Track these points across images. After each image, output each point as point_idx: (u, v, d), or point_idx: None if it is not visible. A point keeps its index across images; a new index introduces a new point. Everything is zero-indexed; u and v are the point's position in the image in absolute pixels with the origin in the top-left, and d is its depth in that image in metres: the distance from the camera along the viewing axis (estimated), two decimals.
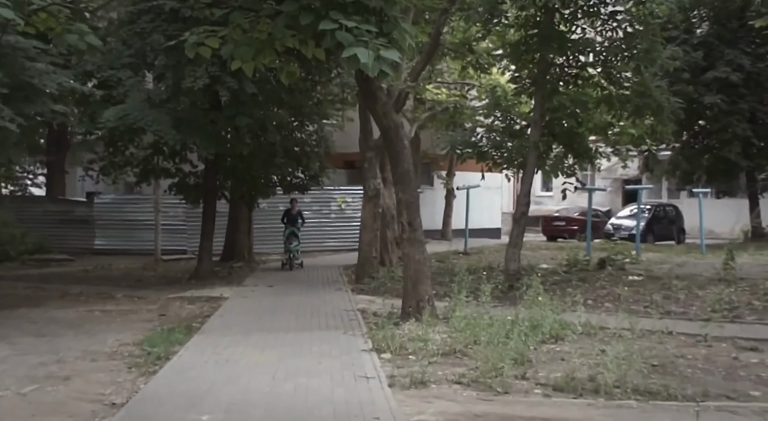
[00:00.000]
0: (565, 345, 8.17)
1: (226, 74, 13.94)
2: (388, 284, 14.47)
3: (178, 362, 7.48)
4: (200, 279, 15.98)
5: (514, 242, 13.40)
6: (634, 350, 6.92)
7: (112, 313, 11.50)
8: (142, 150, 17.21)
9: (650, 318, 9.48)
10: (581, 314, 9.29)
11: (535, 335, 8.00)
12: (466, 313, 8.92)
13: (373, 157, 15.83)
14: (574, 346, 7.76)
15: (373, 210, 15.68)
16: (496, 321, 8.44)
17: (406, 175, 9.74)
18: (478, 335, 8.05)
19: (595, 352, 7.47)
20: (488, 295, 9.07)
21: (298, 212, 18.33)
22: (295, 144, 17.81)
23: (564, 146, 14.03)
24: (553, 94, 13.02)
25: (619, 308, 10.63)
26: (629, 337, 7.56)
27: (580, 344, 8.04)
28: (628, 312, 10.19)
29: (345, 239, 23.07)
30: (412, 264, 9.71)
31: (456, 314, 8.64)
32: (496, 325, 8.28)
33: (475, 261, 18.62)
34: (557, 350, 8.03)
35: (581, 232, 29.04)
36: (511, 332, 7.85)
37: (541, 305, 9.02)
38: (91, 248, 23.00)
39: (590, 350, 7.61)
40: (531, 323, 8.32)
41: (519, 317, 8.61)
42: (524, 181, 13.32)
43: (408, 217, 9.67)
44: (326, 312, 11.03)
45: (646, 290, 12.33)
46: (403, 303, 10.00)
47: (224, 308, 11.57)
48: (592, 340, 8.37)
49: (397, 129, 9.78)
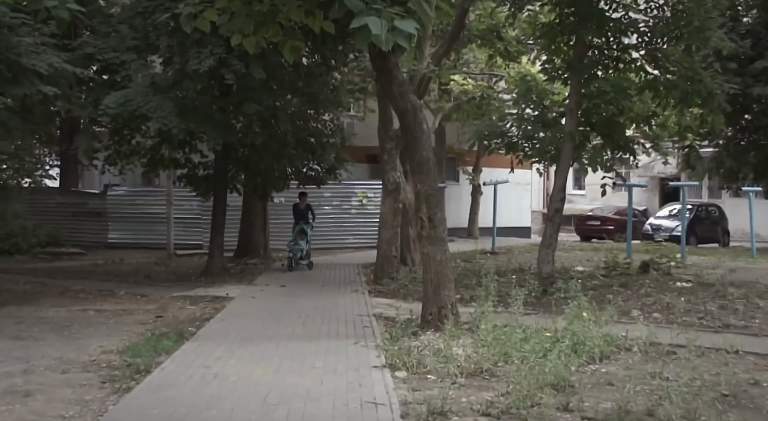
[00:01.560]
0: (611, 365, 6.99)
1: (233, 57, 12.98)
2: (408, 285, 13.36)
3: (159, 376, 6.45)
4: (210, 276, 15.04)
5: (547, 242, 12.20)
6: (700, 376, 5.73)
7: (106, 313, 10.54)
8: (149, 139, 16.33)
9: (708, 332, 8.28)
10: (627, 327, 8.11)
11: (578, 354, 6.81)
12: (494, 323, 7.79)
13: (393, 148, 14.71)
14: (622, 367, 6.60)
15: (393, 205, 14.57)
16: (530, 335, 7.28)
17: (424, 164, 8.60)
18: (510, 350, 6.91)
19: (650, 375, 6.28)
20: (520, 303, 7.92)
21: (308, 206, 17.07)
22: (309, 134, 16.71)
23: (602, 137, 12.75)
24: (591, 79, 11.77)
25: (669, 320, 9.46)
26: (688, 357, 6.39)
27: (630, 364, 6.86)
28: (681, 325, 9.04)
29: (366, 236, 22.00)
30: (432, 265, 8.58)
31: (483, 326, 7.46)
32: (531, 340, 7.13)
33: (504, 262, 17.42)
34: (603, 371, 6.84)
35: (617, 232, 27.80)
36: (549, 349, 6.68)
37: (582, 317, 7.82)
38: (104, 241, 22.26)
39: (643, 372, 6.42)
40: (573, 339, 7.12)
41: (557, 330, 7.44)
42: (558, 175, 12.10)
43: (427, 211, 8.54)
44: (338, 317, 9.96)
45: (698, 298, 11.07)
46: (422, 309, 8.88)
47: (227, 310, 10.56)
48: (643, 359, 7.19)
49: (416, 112, 8.64)
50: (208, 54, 12.78)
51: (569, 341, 6.95)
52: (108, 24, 15.08)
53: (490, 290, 8.84)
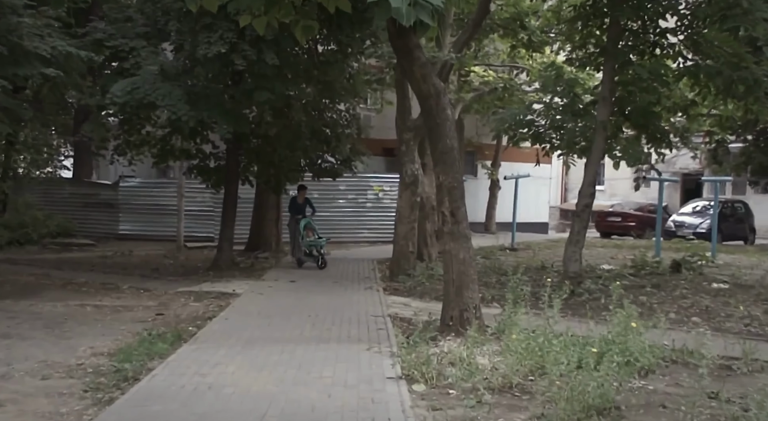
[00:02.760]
0: (658, 381, 6.21)
1: (245, 42, 12.30)
2: (425, 283, 12.65)
3: (147, 386, 5.76)
4: (218, 270, 14.41)
5: (575, 239, 11.40)
6: None
7: (105, 309, 9.91)
8: (160, 129, 15.72)
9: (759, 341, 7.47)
10: (668, 333, 7.32)
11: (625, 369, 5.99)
12: (523, 328, 7.04)
13: (411, 139, 13.95)
14: (671, 383, 5.83)
15: (411, 199, 13.81)
16: (566, 343, 6.51)
17: (448, 154, 7.85)
18: (543, 362, 6.15)
19: (705, 393, 5.49)
20: (554, 305, 7.16)
21: (307, 200, 15.78)
22: (324, 125, 15.97)
23: (636, 128, 11.89)
24: (626, 65, 10.91)
25: (712, 325, 8.66)
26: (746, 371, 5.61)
27: (680, 379, 6.07)
28: (725, 332, 8.24)
29: (381, 231, 21.29)
30: (454, 264, 7.82)
31: (514, 336, 6.67)
32: (568, 349, 6.36)
33: (525, 259, 16.65)
34: (650, 389, 6.04)
35: (638, 229, 26.89)
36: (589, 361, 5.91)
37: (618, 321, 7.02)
38: (115, 232, 21.77)
39: (696, 389, 5.62)
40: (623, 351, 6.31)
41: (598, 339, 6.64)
42: (588, 168, 11.27)
43: (450, 205, 7.78)
44: (350, 317, 9.24)
45: (738, 301, 10.23)
46: (443, 312, 8.13)
47: (232, 308, 9.88)
48: (692, 372, 6.40)
49: (439, 96, 7.88)
50: (218, 39, 12.13)
51: (619, 354, 6.11)
52: (119, 10, 14.46)
53: (518, 292, 8.06)
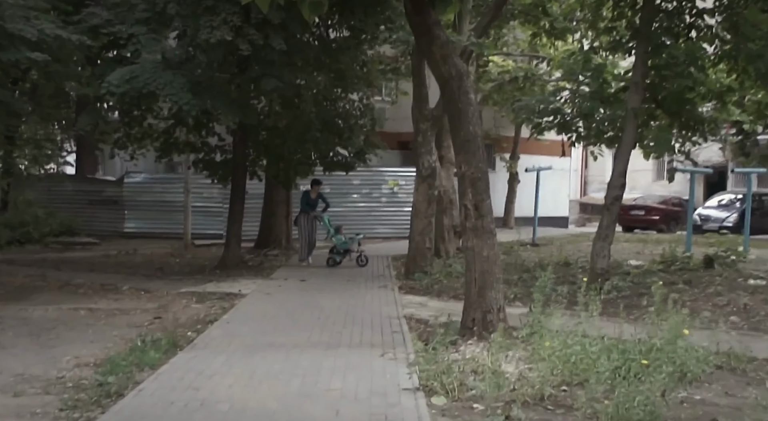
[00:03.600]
0: (705, 390, 5.46)
1: (250, 26, 11.62)
2: (443, 281, 11.92)
3: (131, 403, 5.07)
4: (226, 269, 13.76)
5: (603, 233, 10.61)
6: None
7: (99, 313, 9.25)
8: (162, 120, 15.08)
9: None
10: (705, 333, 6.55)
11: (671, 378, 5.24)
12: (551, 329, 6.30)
13: (428, 130, 13.20)
14: (720, 392, 5.08)
15: (428, 192, 13.07)
16: (603, 348, 5.77)
17: (471, 142, 7.10)
18: (580, 369, 5.42)
19: (762, 408, 4.71)
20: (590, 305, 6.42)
21: (320, 195, 15.06)
22: (336, 115, 15.23)
23: (670, 116, 11.06)
24: (659, 48, 10.08)
25: (753, 325, 7.89)
26: None
27: (727, 386, 5.32)
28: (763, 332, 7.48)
29: (396, 226, 20.56)
30: (477, 262, 7.07)
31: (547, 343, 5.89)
32: (604, 354, 5.63)
33: (547, 254, 15.86)
34: (698, 399, 5.30)
35: (662, 222, 26.01)
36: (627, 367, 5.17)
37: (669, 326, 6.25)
38: (120, 230, 21.18)
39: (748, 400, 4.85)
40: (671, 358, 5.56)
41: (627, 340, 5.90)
42: (619, 158, 10.47)
43: (473, 198, 7.04)
44: (363, 319, 8.54)
45: None
46: (463, 313, 7.38)
47: (236, 310, 9.20)
48: (742, 380, 5.63)
49: (461, 78, 7.13)
50: (221, 23, 11.42)
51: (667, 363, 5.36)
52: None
53: (546, 291, 7.31)
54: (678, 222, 26.60)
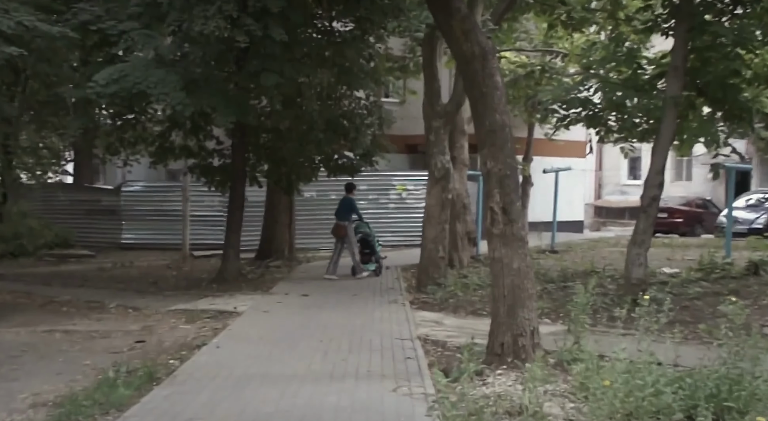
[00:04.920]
0: None
1: (247, 16, 10.63)
2: (459, 294, 10.84)
3: None
4: (223, 283, 12.74)
5: (639, 238, 9.51)
6: None
7: (76, 336, 8.24)
8: (157, 124, 14.12)
9: None
10: None
11: None
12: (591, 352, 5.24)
13: (441, 127, 12.13)
14: None
15: (441, 196, 12.00)
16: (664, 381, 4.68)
17: (498, 133, 6.03)
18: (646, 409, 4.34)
19: None
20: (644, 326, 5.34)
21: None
22: (341, 114, 14.18)
23: (712, 104, 9.94)
24: (702, 27, 8.99)
25: None
26: None
27: None
28: None
29: (405, 234, 19.43)
30: (506, 275, 5.98)
31: (606, 382, 4.74)
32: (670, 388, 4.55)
33: (570, 262, 14.76)
34: None
35: (686, 225, 24.84)
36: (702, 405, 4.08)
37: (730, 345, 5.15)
38: (118, 242, 20.18)
39: None
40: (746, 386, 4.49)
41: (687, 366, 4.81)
42: (657, 153, 9.36)
43: (501, 200, 5.96)
44: (371, 341, 7.47)
45: None
46: (490, 336, 6.29)
47: (229, 331, 8.15)
48: None
49: (485, 57, 6.06)
50: (216, 12, 10.45)
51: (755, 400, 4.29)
52: None
53: (585, 309, 6.22)
54: (702, 225, 25.45)
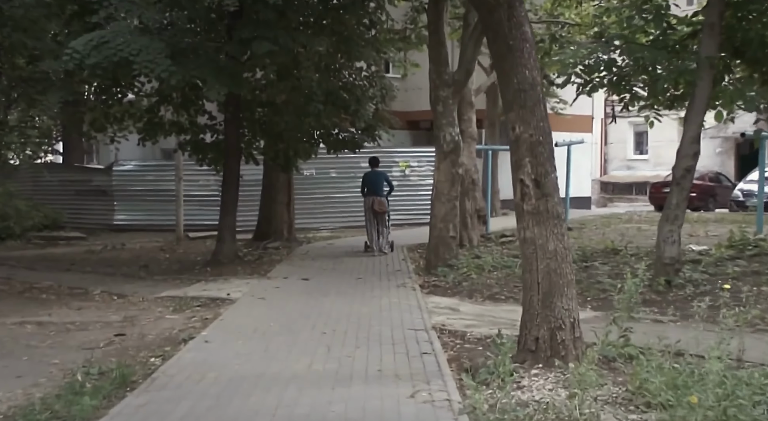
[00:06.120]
0: None
1: None
2: (473, 276, 9.97)
3: None
4: (218, 266, 11.94)
5: (672, 214, 8.63)
6: None
7: (50, 328, 7.39)
8: (146, 97, 13.18)
9: None
10: None
11: None
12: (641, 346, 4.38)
13: (450, 97, 11.20)
14: None
15: (451, 171, 11.10)
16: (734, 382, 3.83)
17: (528, 93, 5.11)
18: None
19: None
20: None
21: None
22: (340, 86, 13.23)
23: (749, 66, 9.01)
24: None
25: None
26: None
27: None
28: None
29: (409, 212, 18.56)
30: (540, 259, 5.09)
31: (693, 399, 3.83)
32: None
33: (586, 240, 13.92)
34: None
35: (699, 200, 23.96)
36: None
37: None
38: (110, 223, 19.33)
39: None
40: None
41: None
42: (691, 120, 8.45)
43: (533, 171, 5.06)
44: (381, 333, 6.60)
45: None
46: (521, 330, 5.39)
47: (220, 322, 7.29)
48: None
49: (512, 5, 5.13)
50: None
51: None
52: None
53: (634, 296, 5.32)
54: (715, 199, 24.69)
